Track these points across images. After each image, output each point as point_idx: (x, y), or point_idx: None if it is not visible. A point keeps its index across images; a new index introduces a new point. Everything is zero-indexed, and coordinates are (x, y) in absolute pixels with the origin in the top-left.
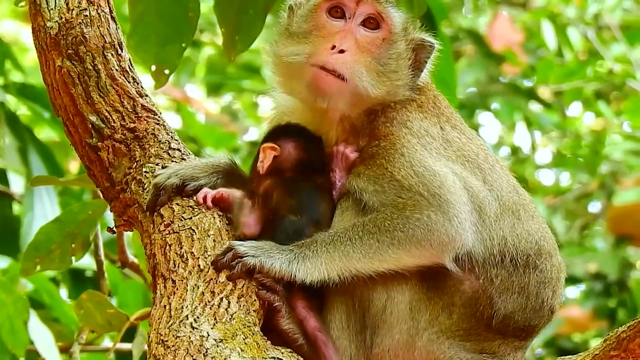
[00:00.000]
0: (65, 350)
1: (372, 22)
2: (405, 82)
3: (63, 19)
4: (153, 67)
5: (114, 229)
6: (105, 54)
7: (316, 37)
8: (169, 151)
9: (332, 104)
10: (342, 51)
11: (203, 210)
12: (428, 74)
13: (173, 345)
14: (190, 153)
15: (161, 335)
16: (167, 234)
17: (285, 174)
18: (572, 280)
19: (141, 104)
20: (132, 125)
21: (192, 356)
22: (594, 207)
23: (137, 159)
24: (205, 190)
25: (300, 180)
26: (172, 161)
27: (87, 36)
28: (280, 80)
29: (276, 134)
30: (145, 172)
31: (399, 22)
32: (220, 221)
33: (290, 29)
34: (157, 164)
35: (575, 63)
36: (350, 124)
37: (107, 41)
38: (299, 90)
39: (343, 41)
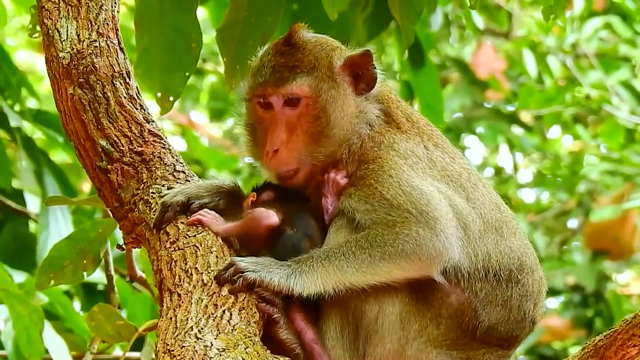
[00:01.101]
0: (78, 359)
1: (292, 100)
2: (354, 110)
3: (74, 50)
4: (159, 94)
5: (123, 246)
6: (114, 82)
7: (259, 136)
8: (174, 173)
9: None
10: (276, 151)
11: (206, 228)
12: (382, 79)
13: (179, 355)
14: (195, 175)
15: (168, 345)
16: (172, 251)
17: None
18: (552, 292)
19: (148, 129)
20: (140, 149)
21: None
22: (573, 223)
23: (145, 180)
24: (196, 217)
25: (287, 202)
26: (177, 182)
27: (97, 66)
28: None
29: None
30: (152, 192)
31: (309, 83)
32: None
33: (244, 122)
34: (163, 185)
35: (554, 89)
36: (334, 158)
37: (115, 70)
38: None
39: (272, 141)
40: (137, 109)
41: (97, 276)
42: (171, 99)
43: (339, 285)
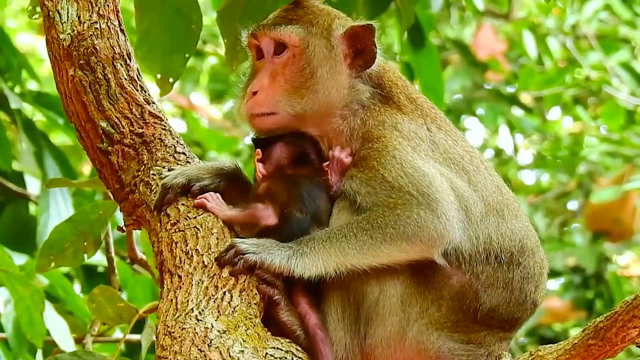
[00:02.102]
0: (78, 341)
1: (280, 47)
2: (342, 79)
3: (75, 32)
4: (159, 76)
5: (124, 227)
6: (115, 64)
7: (245, 87)
8: (175, 155)
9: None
10: (254, 93)
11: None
12: (381, 61)
13: (179, 336)
14: (195, 156)
15: (168, 327)
16: (173, 232)
17: (284, 172)
18: (552, 273)
19: (148, 110)
20: (140, 130)
21: (197, 346)
22: (573, 205)
23: (145, 162)
24: (201, 201)
25: (299, 177)
26: (178, 164)
27: (97, 47)
28: None
29: (261, 140)
30: (153, 174)
31: (298, 32)
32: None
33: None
34: (164, 167)
35: (554, 70)
36: (333, 132)
37: (116, 52)
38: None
39: (255, 84)
40: (137, 90)
41: (98, 258)
42: (171, 80)
43: (340, 267)
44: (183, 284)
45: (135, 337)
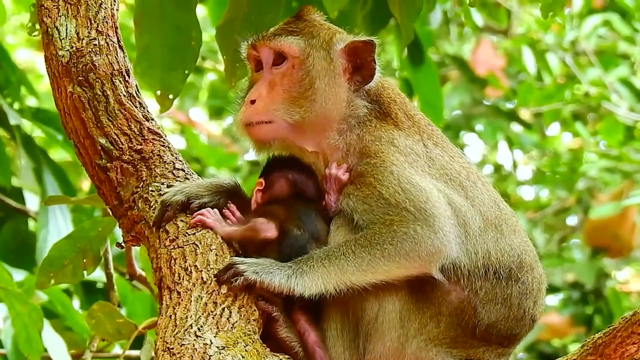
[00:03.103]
0: (77, 357)
1: (280, 58)
2: (340, 93)
3: (74, 48)
4: (158, 92)
5: (123, 244)
6: (114, 80)
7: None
8: (174, 171)
9: (276, 147)
10: (253, 102)
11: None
12: (385, 79)
13: (178, 353)
14: (194, 173)
15: (167, 343)
16: (172, 249)
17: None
18: (551, 289)
19: (147, 127)
20: (139, 147)
21: None
22: (572, 221)
23: (144, 178)
24: (199, 217)
25: (295, 201)
26: (177, 180)
27: (96, 64)
28: None
29: (267, 169)
30: (152, 190)
31: (298, 43)
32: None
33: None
34: (163, 183)
35: (553, 86)
36: (330, 148)
37: (115, 68)
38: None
39: (252, 93)
40: (136, 107)
41: (97, 274)
42: (171, 96)
43: (339, 284)
44: (182, 300)
45: (134, 353)
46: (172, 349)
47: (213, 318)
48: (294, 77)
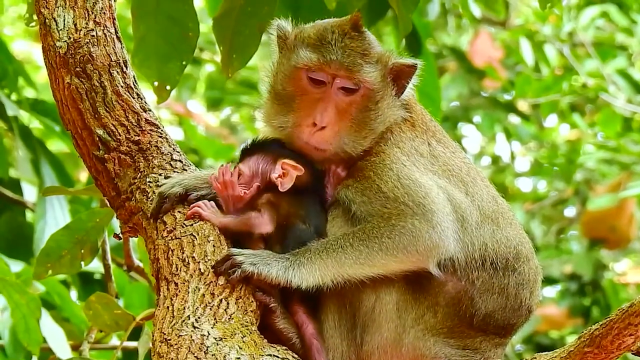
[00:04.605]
0: (75, 348)
1: (355, 86)
2: (391, 111)
3: (71, 39)
4: (156, 84)
5: (120, 235)
6: (111, 71)
7: (298, 106)
8: (171, 162)
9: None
10: (322, 127)
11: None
12: (413, 89)
13: (176, 344)
14: (191, 164)
15: (165, 334)
16: (169, 240)
17: (292, 190)
18: (549, 280)
19: (145, 118)
20: (137, 138)
21: (194, 354)
22: (570, 212)
23: (142, 169)
24: (195, 209)
25: (305, 193)
26: (174, 172)
27: (94, 55)
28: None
29: (288, 153)
30: (149, 182)
31: (376, 76)
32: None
33: (275, 88)
34: (160, 175)
35: (551, 78)
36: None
37: (112, 60)
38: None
39: (323, 115)
40: (134, 98)
41: (94, 265)
42: (168, 87)
43: (337, 277)
44: (179, 291)
45: (132, 344)
46: (170, 340)
47: (210, 309)
48: (362, 106)
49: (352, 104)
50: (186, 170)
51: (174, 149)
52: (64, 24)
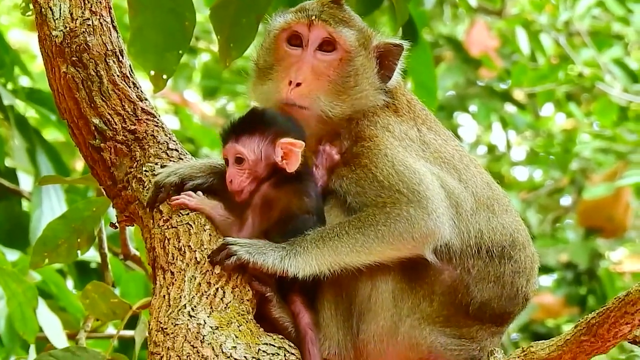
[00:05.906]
0: (71, 337)
1: (329, 45)
2: (372, 90)
3: (67, 28)
4: (152, 73)
5: (117, 224)
6: (107, 60)
7: (277, 71)
8: (168, 151)
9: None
10: (299, 84)
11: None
12: (400, 74)
13: (172, 333)
14: (188, 153)
15: (161, 323)
16: (166, 229)
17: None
18: (545, 269)
19: (141, 107)
20: (133, 127)
21: (190, 342)
22: (565, 201)
23: (138, 158)
24: (181, 200)
25: (306, 178)
26: (171, 161)
27: (90, 44)
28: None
29: (281, 125)
30: (145, 171)
31: (354, 39)
32: None
33: (259, 64)
34: (157, 164)
35: (547, 67)
36: (331, 128)
37: (109, 49)
38: None
39: (298, 73)
40: (130, 87)
41: (91, 254)
42: (165, 77)
43: (333, 265)
44: (176, 280)
45: (128, 333)
46: (166, 329)
47: (207, 298)
48: (341, 70)
49: (330, 67)
50: (182, 159)
51: (170, 138)
52: (60, 13)
